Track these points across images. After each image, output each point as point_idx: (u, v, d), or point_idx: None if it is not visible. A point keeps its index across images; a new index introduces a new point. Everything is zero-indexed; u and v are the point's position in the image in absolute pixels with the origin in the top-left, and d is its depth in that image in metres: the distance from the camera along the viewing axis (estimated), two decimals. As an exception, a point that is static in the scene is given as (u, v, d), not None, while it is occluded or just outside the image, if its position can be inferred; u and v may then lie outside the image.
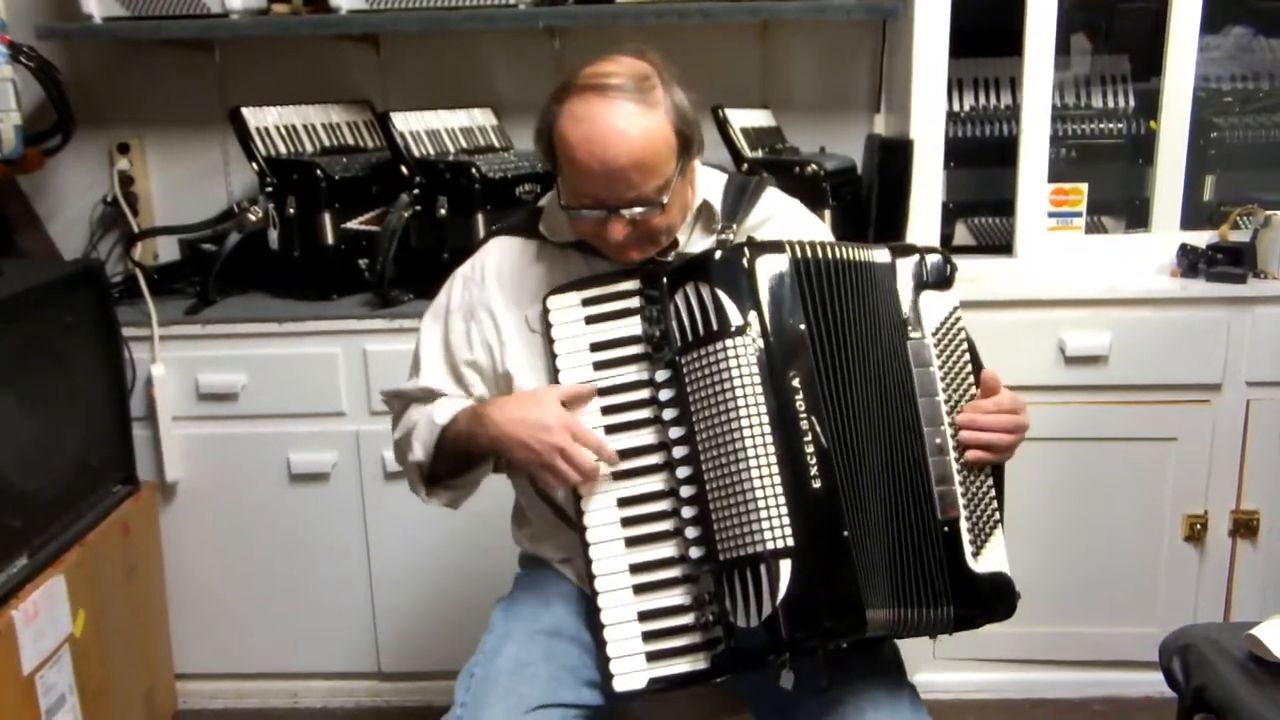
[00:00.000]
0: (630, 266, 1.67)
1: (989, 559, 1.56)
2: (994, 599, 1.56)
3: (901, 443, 1.56)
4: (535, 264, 1.77)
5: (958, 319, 1.63)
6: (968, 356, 1.62)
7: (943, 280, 1.63)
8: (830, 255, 1.58)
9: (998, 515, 1.59)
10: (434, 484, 1.80)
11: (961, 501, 1.55)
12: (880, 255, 1.62)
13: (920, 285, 1.62)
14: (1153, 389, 2.61)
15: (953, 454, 1.57)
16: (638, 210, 1.57)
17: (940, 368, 1.59)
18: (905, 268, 1.62)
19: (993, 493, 1.59)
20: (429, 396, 1.78)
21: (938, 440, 1.56)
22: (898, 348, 1.58)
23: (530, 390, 1.68)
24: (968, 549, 1.55)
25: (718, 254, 1.58)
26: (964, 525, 1.55)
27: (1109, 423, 2.63)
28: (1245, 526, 2.65)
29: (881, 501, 1.53)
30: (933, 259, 1.63)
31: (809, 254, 1.57)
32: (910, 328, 1.59)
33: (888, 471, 1.55)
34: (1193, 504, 2.66)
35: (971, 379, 1.62)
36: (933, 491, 1.55)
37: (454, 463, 1.75)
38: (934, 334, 1.60)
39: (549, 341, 1.65)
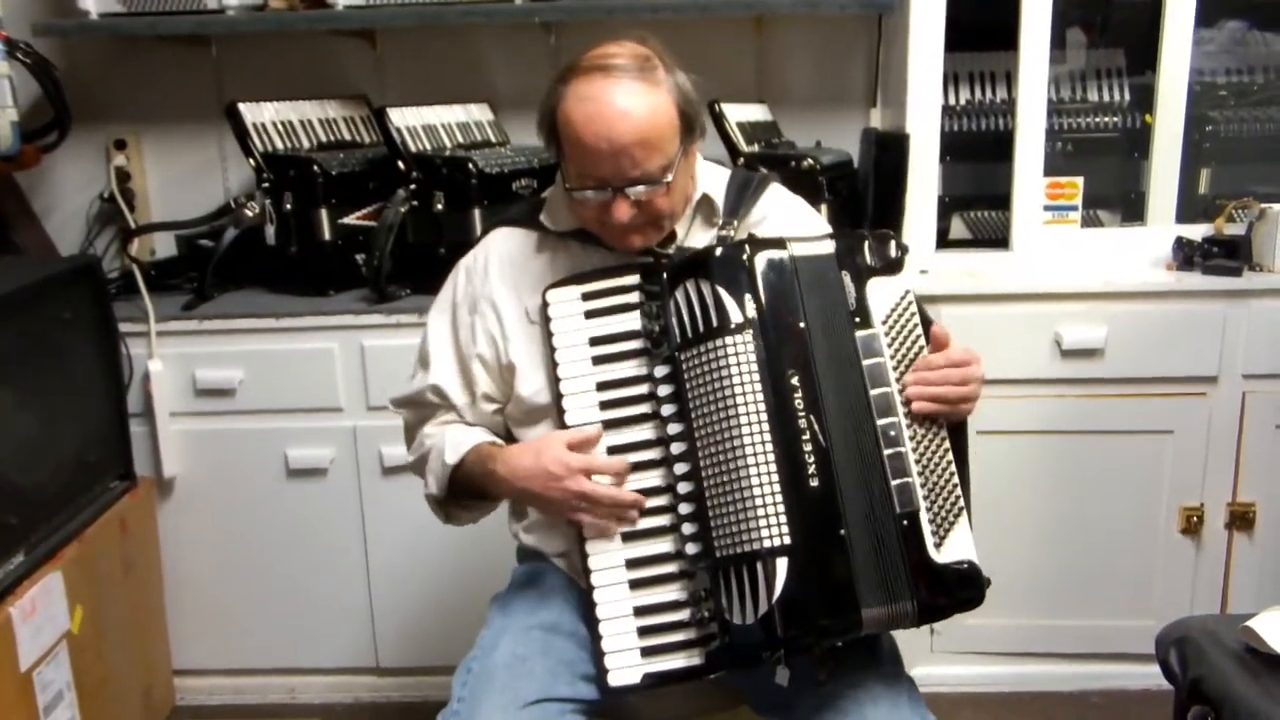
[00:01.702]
0: (631, 261, 1.67)
1: (952, 549, 1.52)
2: (959, 588, 1.52)
3: (861, 437, 1.53)
4: (536, 255, 1.77)
5: (909, 304, 1.60)
6: (922, 342, 1.59)
7: (890, 264, 1.59)
8: (822, 251, 1.58)
9: (961, 504, 1.55)
10: (452, 504, 1.80)
11: (921, 492, 1.52)
12: (826, 246, 1.60)
13: (868, 271, 1.58)
14: (1149, 382, 2.61)
15: (909, 444, 1.54)
16: (641, 189, 1.58)
17: (892, 356, 1.56)
18: (850, 257, 1.58)
19: (955, 480, 1.56)
20: (439, 397, 1.79)
21: (891, 432, 1.53)
22: (848, 340, 1.55)
23: (534, 440, 1.68)
24: (929, 540, 1.51)
25: (719, 251, 1.59)
26: (924, 517, 1.52)
27: (1105, 416, 2.64)
28: (1241, 519, 2.65)
29: (861, 497, 1.52)
30: (878, 244, 1.60)
31: (808, 252, 1.57)
32: (857, 318, 1.56)
33: (861, 467, 1.53)
34: (1189, 496, 2.66)
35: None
36: (890, 484, 1.52)
37: (470, 493, 1.76)
38: (884, 322, 1.57)
39: (548, 335, 1.65)
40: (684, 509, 1.55)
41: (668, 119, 1.58)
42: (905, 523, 1.51)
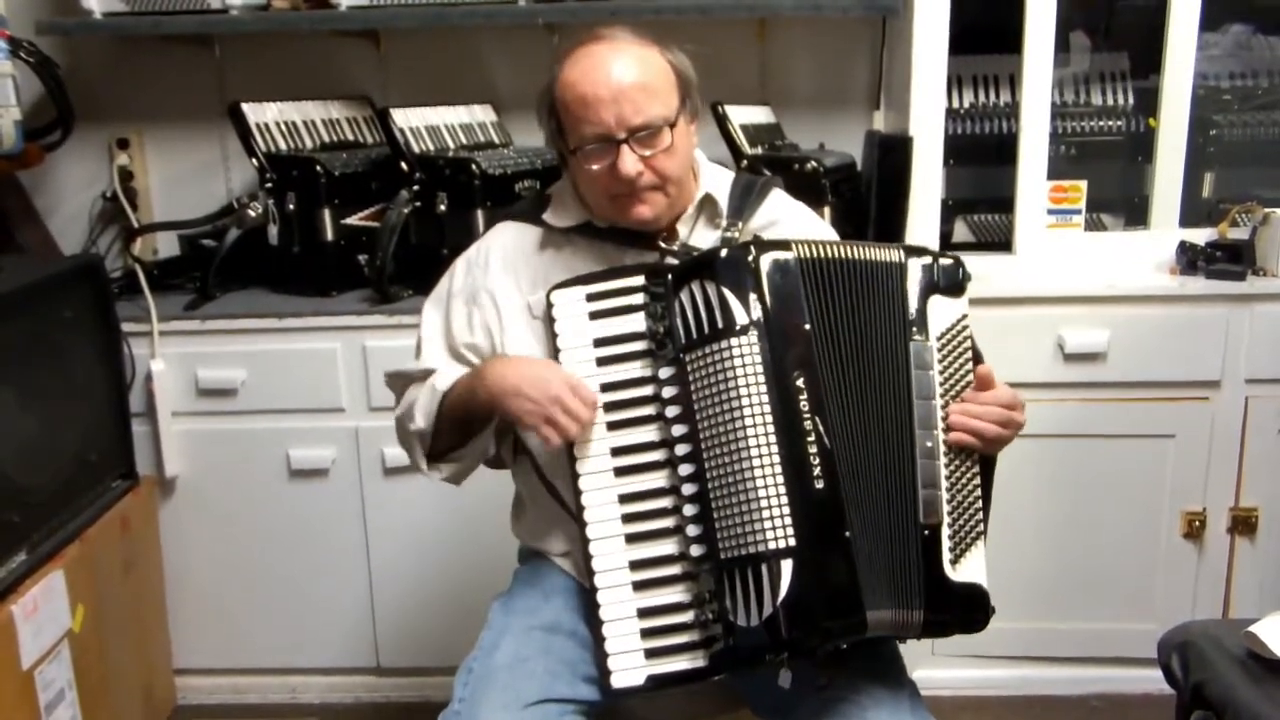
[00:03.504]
0: (635, 263, 1.68)
1: (967, 569, 1.55)
2: (966, 608, 1.55)
3: (893, 443, 1.55)
4: (539, 250, 1.78)
5: (965, 326, 1.62)
6: (971, 364, 1.62)
7: (954, 286, 1.62)
8: (837, 254, 1.58)
9: (981, 529, 1.58)
10: (435, 457, 1.79)
11: (946, 509, 1.54)
12: (892, 255, 1.62)
13: (930, 289, 1.60)
14: (1151, 386, 2.61)
15: (942, 459, 1.56)
16: (645, 136, 1.60)
17: (941, 372, 1.59)
18: (916, 269, 1.61)
19: (980, 505, 1.58)
20: (430, 377, 1.79)
21: (928, 444, 1.55)
22: (899, 348, 1.58)
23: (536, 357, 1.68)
24: (946, 556, 1.53)
25: (724, 252, 1.58)
26: (945, 532, 1.54)
27: (1108, 420, 2.63)
28: (1244, 523, 2.65)
29: (874, 501, 1.53)
30: (945, 263, 1.62)
31: (815, 253, 1.57)
32: (914, 329, 1.59)
33: (880, 471, 1.54)
34: (1191, 501, 2.66)
35: (971, 386, 1.62)
36: (918, 494, 1.54)
37: (456, 433, 1.75)
38: (938, 338, 1.60)
39: (552, 336, 1.65)
40: (688, 510, 1.55)
41: (663, 72, 1.64)
42: (926, 533, 1.53)
